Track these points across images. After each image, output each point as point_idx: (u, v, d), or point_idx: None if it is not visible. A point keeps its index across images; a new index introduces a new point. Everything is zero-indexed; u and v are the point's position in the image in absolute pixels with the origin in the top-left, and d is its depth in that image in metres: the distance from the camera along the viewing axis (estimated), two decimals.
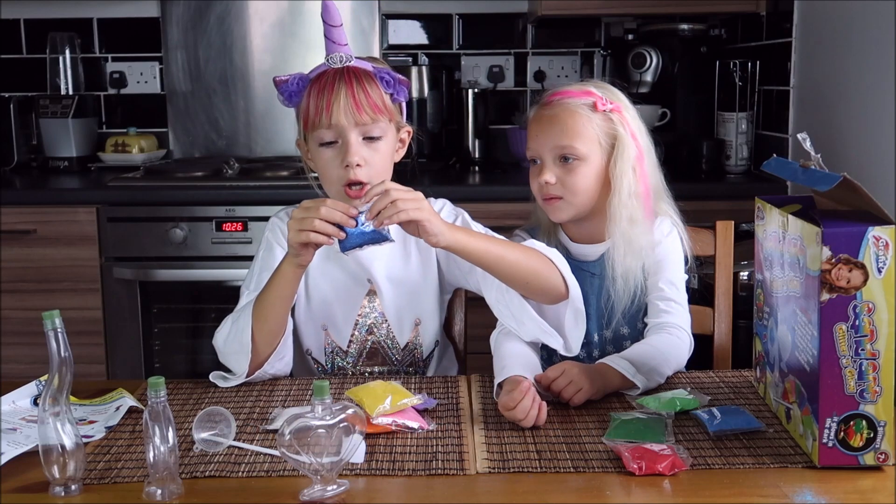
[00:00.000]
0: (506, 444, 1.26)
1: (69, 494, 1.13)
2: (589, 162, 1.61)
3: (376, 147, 1.53)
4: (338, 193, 1.54)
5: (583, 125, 1.61)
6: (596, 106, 1.62)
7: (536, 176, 1.64)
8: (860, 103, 2.20)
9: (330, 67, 1.52)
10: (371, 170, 1.52)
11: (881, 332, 1.12)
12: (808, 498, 1.12)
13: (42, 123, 3.08)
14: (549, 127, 1.62)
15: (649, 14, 2.97)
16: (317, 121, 1.50)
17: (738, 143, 2.83)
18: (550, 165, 1.62)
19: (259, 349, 1.48)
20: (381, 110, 1.52)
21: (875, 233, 1.11)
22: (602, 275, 1.66)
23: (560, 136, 1.61)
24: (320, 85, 1.51)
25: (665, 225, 1.67)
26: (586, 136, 1.61)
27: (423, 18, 3.27)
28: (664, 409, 1.34)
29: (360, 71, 1.52)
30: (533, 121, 1.67)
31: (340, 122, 1.50)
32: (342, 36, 1.54)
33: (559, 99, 1.64)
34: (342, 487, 1.11)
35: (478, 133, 3.09)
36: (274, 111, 3.25)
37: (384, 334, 1.65)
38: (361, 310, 1.65)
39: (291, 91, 1.54)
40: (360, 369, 1.67)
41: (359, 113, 1.50)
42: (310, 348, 1.67)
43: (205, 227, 2.64)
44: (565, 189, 1.62)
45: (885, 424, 1.15)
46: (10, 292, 2.66)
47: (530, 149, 1.66)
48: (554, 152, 1.62)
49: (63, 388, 1.13)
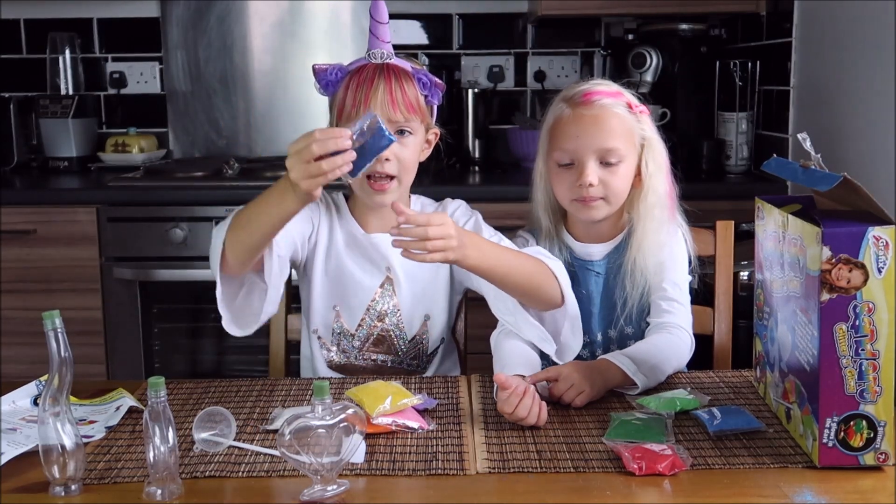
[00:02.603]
0: (506, 444, 1.26)
1: (69, 494, 1.13)
2: (628, 162, 1.61)
3: (405, 143, 1.56)
4: (361, 185, 1.58)
5: (623, 126, 1.60)
6: (631, 106, 1.62)
7: (572, 178, 1.61)
8: (860, 103, 2.20)
9: (371, 62, 1.55)
10: (399, 165, 1.56)
11: (881, 332, 1.12)
12: (808, 498, 1.12)
13: (42, 123, 3.08)
14: (593, 127, 1.59)
15: (649, 14, 2.97)
16: (352, 112, 1.53)
17: (738, 143, 2.83)
18: (594, 167, 1.60)
19: (229, 261, 1.43)
20: (415, 110, 1.55)
21: (875, 233, 1.11)
22: (607, 274, 1.66)
23: (605, 138, 1.59)
24: (360, 78, 1.53)
25: (674, 231, 1.67)
26: (626, 137, 1.60)
27: (423, 18, 3.27)
28: (664, 409, 1.34)
29: (399, 69, 1.55)
30: (569, 120, 1.61)
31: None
32: (387, 33, 1.56)
33: (598, 99, 1.61)
34: (342, 487, 1.11)
35: (478, 133, 3.09)
36: (274, 111, 3.25)
37: (394, 323, 1.66)
38: (375, 296, 1.65)
39: (329, 80, 1.57)
40: (364, 355, 1.67)
41: (393, 110, 1.53)
42: (317, 328, 1.68)
43: (205, 227, 2.64)
44: (607, 190, 1.61)
45: (885, 424, 1.15)
46: (10, 292, 2.66)
47: (564, 150, 1.61)
48: (597, 154, 1.59)
49: (63, 388, 1.13)
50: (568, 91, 1.66)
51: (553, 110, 1.66)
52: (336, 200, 1.70)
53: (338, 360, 1.68)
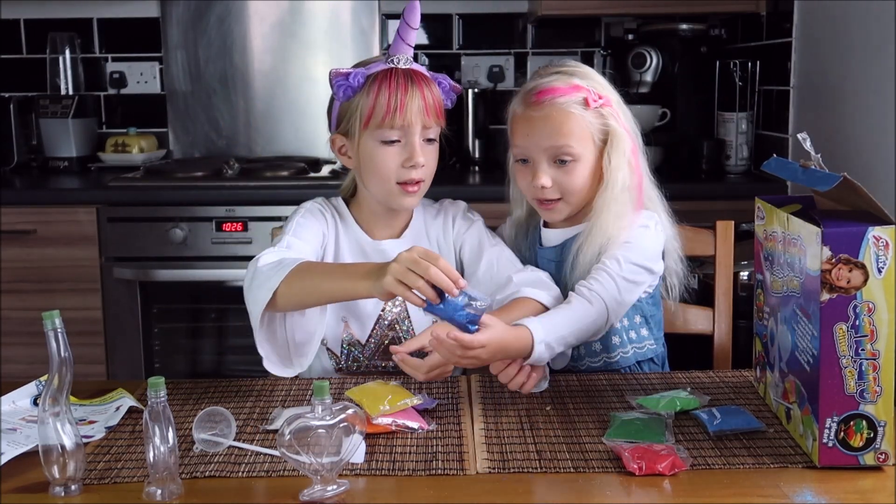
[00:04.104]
0: (506, 444, 1.26)
1: (69, 494, 1.13)
2: (584, 160, 1.58)
3: (431, 149, 1.59)
4: (389, 190, 1.58)
5: (576, 124, 1.56)
6: (587, 103, 1.57)
7: (528, 177, 1.60)
8: (860, 103, 2.20)
9: (395, 67, 1.55)
10: (427, 170, 1.59)
11: (881, 332, 1.12)
12: (808, 498, 1.12)
13: (42, 123, 3.08)
14: (543, 127, 1.57)
15: (649, 14, 2.97)
16: (387, 119, 1.53)
17: (738, 143, 2.83)
18: (545, 168, 1.58)
19: (279, 304, 1.42)
20: (442, 115, 1.58)
21: (875, 233, 1.11)
22: (560, 260, 1.64)
23: (555, 137, 1.56)
24: (390, 84, 1.53)
25: (643, 218, 1.61)
26: (580, 135, 1.57)
27: (424, 18, 3.20)
28: (664, 409, 1.34)
29: (423, 75, 1.57)
30: (521, 119, 1.60)
31: (412, 121, 1.53)
32: (414, 38, 1.59)
33: (549, 98, 1.57)
34: (342, 487, 1.11)
35: (478, 133, 3.09)
36: (274, 111, 3.25)
37: (405, 331, 1.65)
38: (385, 305, 1.65)
39: (350, 86, 1.56)
40: (373, 363, 1.67)
41: (427, 116, 1.55)
42: (326, 339, 1.67)
43: (205, 227, 2.64)
44: (563, 191, 1.59)
45: (885, 424, 1.15)
46: (10, 292, 2.66)
47: (518, 147, 1.61)
48: (548, 153, 1.58)
49: (63, 388, 1.13)
50: (526, 85, 1.62)
51: (512, 104, 1.63)
52: (337, 206, 1.69)
53: (346, 368, 1.67)
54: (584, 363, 1.63)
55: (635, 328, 1.64)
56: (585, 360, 1.63)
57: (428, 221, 1.69)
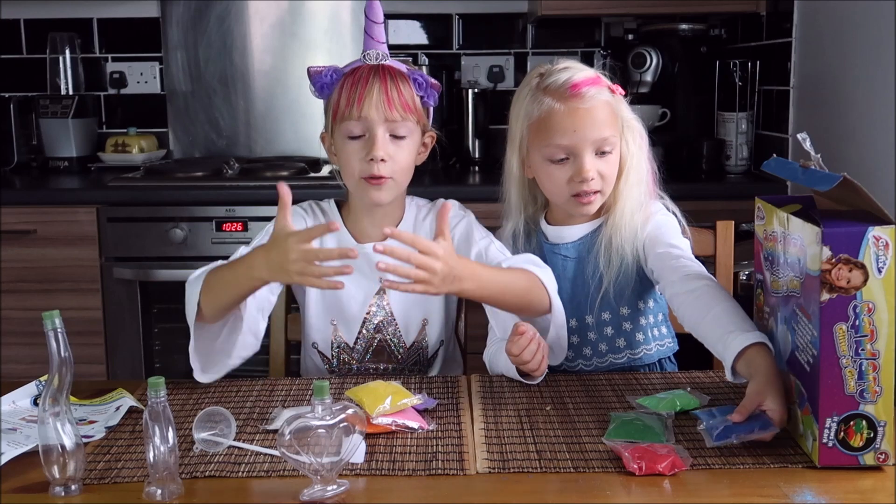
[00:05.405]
0: (506, 444, 1.26)
1: (69, 494, 1.13)
2: (616, 149, 1.59)
3: (401, 145, 1.56)
4: (356, 185, 1.58)
5: (612, 114, 1.58)
6: (612, 91, 1.59)
7: (568, 173, 1.57)
8: (860, 103, 2.20)
9: (365, 63, 1.56)
10: (394, 166, 1.56)
11: (881, 332, 1.12)
12: (808, 498, 1.12)
13: (42, 123, 3.08)
14: (590, 119, 1.55)
15: (649, 14, 2.97)
16: (346, 112, 1.53)
17: (738, 143, 2.83)
18: (591, 160, 1.56)
19: (205, 314, 1.45)
20: (411, 110, 1.55)
21: (875, 233, 1.11)
22: (579, 258, 1.63)
23: (601, 128, 1.55)
24: (354, 78, 1.54)
25: (655, 206, 1.63)
26: (613, 123, 1.58)
27: (423, 18, 3.27)
28: (664, 409, 1.34)
29: (394, 69, 1.56)
30: (562, 115, 1.55)
31: (370, 115, 1.52)
32: (381, 33, 1.58)
33: (586, 90, 1.55)
34: (342, 487, 1.11)
35: (478, 133, 3.09)
36: (274, 111, 3.25)
37: (391, 333, 1.65)
38: (370, 308, 1.64)
39: (324, 83, 1.58)
40: (365, 366, 1.67)
41: (389, 109, 1.53)
42: (316, 342, 1.67)
43: (205, 227, 2.64)
44: (604, 181, 1.58)
45: (885, 424, 1.15)
46: (10, 292, 2.66)
47: (558, 145, 1.56)
48: (595, 145, 1.56)
49: (63, 388, 1.13)
50: (545, 80, 1.57)
51: (535, 103, 1.58)
52: (325, 208, 1.68)
53: (339, 371, 1.67)
54: (607, 360, 1.63)
55: (658, 325, 1.65)
56: (608, 356, 1.64)
57: (418, 222, 1.68)
